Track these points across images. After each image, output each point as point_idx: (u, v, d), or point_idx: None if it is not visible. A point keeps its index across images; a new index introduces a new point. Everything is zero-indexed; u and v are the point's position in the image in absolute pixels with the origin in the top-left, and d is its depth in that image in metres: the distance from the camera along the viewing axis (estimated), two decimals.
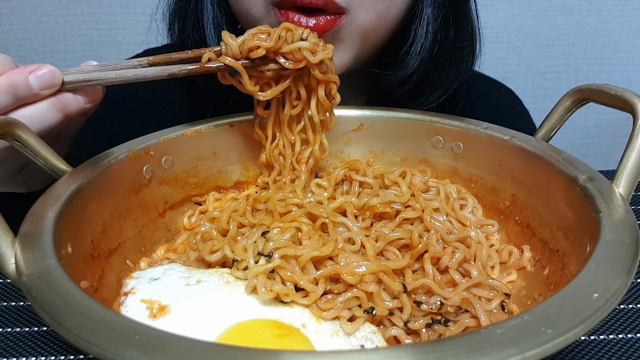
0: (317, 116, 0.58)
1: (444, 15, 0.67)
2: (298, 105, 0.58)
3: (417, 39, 0.67)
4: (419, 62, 0.67)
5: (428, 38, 0.67)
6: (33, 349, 0.48)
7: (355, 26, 0.63)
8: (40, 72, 0.48)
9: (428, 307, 0.42)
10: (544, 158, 0.50)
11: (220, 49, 0.54)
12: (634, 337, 0.49)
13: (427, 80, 0.70)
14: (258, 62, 0.54)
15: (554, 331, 0.28)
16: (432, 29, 0.67)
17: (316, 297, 0.41)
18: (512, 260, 0.50)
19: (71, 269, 0.36)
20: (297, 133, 0.60)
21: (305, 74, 0.56)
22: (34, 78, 0.47)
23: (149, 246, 0.53)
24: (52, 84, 0.49)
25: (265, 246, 0.45)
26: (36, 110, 0.49)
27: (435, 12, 0.66)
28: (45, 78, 0.48)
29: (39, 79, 0.48)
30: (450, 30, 0.68)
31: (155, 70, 0.53)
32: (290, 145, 0.60)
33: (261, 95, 0.56)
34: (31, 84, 0.47)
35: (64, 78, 0.50)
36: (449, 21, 0.68)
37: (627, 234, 0.37)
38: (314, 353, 0.34)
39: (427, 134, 0.61)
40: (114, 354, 0.27)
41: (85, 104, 0.52)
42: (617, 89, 0.47)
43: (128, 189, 0.52)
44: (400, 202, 0.52)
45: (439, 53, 0.69)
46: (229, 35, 0.53)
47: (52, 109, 0.49)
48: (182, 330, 0.34)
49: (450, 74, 0.71)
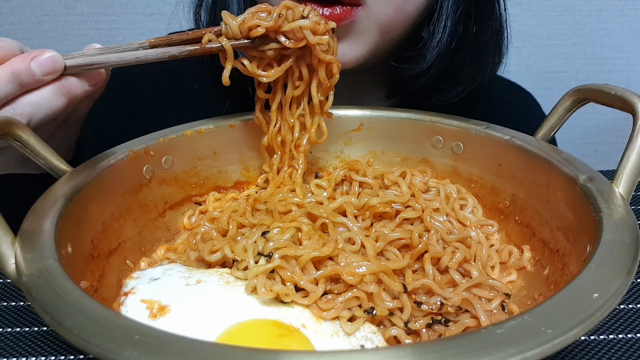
0: (317, 97, 0.57)
1: (466, 9, 0.66)
2: (300, 86, 0.57)
3: (435, 33, 0.66)
4: (436, 56, 0.67)
5: (446, 32, 0.66)
6: (33, 349, 0.48)
7: (373, 19, 0.62)
8: (42, 57, 0.48)
9: (428, 308, 0.42)
10: (544, 158, 0.50)
11: (221, 29, 0.53)
12: (634, 337, 0.49)
13: (446, 75, 0.69)
14: (259, 42, 0.53)
15: (554, 331, 0.28)
16: (451, 23, 0.66)
17: (316, 297, 0.41)
18: (512, 260, 0.50)
19: (71, 269, 0.36)
20: (297, 117, 0.59)
21: (307, 52, 0.55)
22: (35, 65, 0.48)
23: (149, 246, 0.53)
24: (54, 70, 0.49)
25: (265, 246, 0.45)
26: (41, 96, 0.49)
27: (455, 6, 0.65)
28: (47, 64, 0.48)
29: (41, 65, 0.48)
30: (472, 25, 0.67)
31: (155, 53, 0.52)
32: (290, 129, 0.59)
33: (264, 75, 0.55)
34: (33, 70, 0.48)
35: (66, 63, 0.50)
36: (470, 15, 0.67)
37: (627, 234, 0.37)
38: (314, 353, 0.34)
39: (427, 134, 0.61)
40: (114, 354, 0.27)
41: (89, 86, 0.52)
42: (617, 89, 0.47)
43: (128, 189, 0.52)
44: (400, 202, 0.52)
45: (458, 47, 0.67)
46: (228, 15, 0.53)
47: (57, 93, 0.50)
48: (182, 330, 0.34)
49: (471, 69, 0.70)
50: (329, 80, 0.56)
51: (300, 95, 0.57)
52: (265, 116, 0.59)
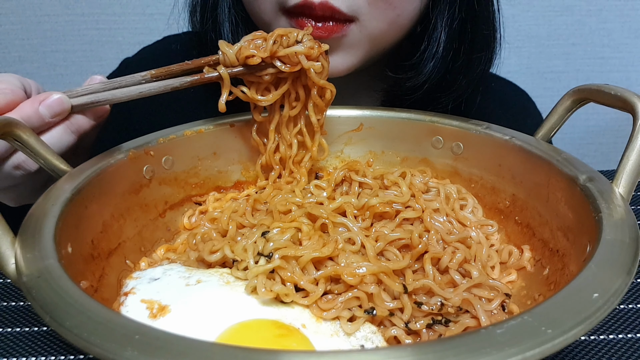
0: (314, 117, 0.59)
1: (461, 20, 0.65)
2: (296, 107, 0.59)
3: (430, 45, 0.66)
4: (432, 68, 0.66)
5: (441, 44, 0.65)
6: (33, 349, 0.48)
7: (365, 33, 0.62)
8: (49, 101, 0.50)
9: (429, 308, 0.42)
10: (544, 158, 0.50)
11: (219, 57, 0.55)
12: (634, 337, 0.49)
13: (442, 85, 0.69)
14: (255, 68, 0.55)
15: (554, 331, 0.28)
16: (446, 35, 0.65)
17: (316, 297, 0.41)
18: (512, 260, 0.50)
19: (71, 269, 0.36)
20: (294, 135, 0.60)
21: (303, 74, 0.56)
22: (44, 108, 0.50)
23: (149, 246, 0.53)
24: (62, 111, 0.51)
25: (265, 246, 0.44)
26: (52, 137, 0.51)
27: (451, 18, 0.64)
28: (55, 106, 0.51)
29: (49, 108, 0.50)
30: (468, 36, 0.67)
31: (158, 85, 0.55)
32: (288, 147, 0.60)
33: (263, 100, 0.57)
34: (42, 114, 0.50)
35: (72, 102, 0.52)
36: (466, 26, 0.66)
37: (627, 234, 0.37)
38: (314, 353, 0.34)
39: (427, 134, 0.61)
40: (114, 354, 0.27)
41: (95, 121, 0.55)
42: (617, 89, 0.47)
43: (128, 189, 0.52)
44: (400, 202, 0.52)
45: (454, 58, 0.67)
46: (225, 44, 0.55)
47: (67, 132, 0.52)
48: (182, 330, 0.34)
49: (466, 79, 0.69)
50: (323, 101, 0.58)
51: (297, 115, 0.59)
52: (263, 137, 0.61)
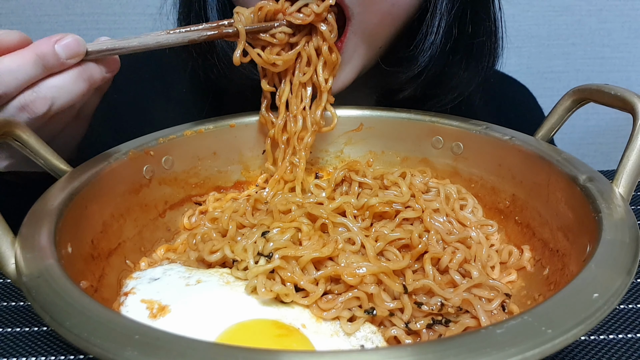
0: (322, 75, 0.59)
1: (460, 9, 0.62)
2: (307, 73, 0.59)
3: (428, 34, 0.63)
4: (429, 59, 0.63)
5: (439, 33, 0.62)
6: (33, 349, 0.48)
7: (360, 33, 0.60)
8: (65, 40, 0.48)
9: (429, 308, 0.42)
10: (544, 158, 0.50)
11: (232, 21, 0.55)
12: (634, 337, 0.49)
13: (441, 80, 0.66)
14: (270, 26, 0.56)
15: (554, 331, 0.28)
16: (445, 24, 0.62)
17: (316, 297, 0.41)
18: (512, 260, 0.50)
19: (71, 269, 0.36)
20: (301, 111, 0.60)
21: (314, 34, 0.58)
22: (60, 47, 0.48)
23: (149, 246, 0.53)
24: (78, 53, 0.49)
25: (265, 246, 0.44)
26: (64, 80, 0.49)
27: (449, 6, 0.61)
28: (72, 46, 0.48)
29: (65, 48, 0.48)
30: (468, 26, 0.64)
31: (176, 37, 0.53)
32: (294, 119, 0.60)
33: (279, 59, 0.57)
34: (58, 52, 0.47)
35: (87, 47, 0.50)
36: (466, 16, 0.63)
37: (627, 234, 0.37)
38: (314, 353, 0.34)
39: (427, 134, 0.61)
40: (114, 354, 0.27)
41: (107, 72, 0.52)
42: (617, 89, 0.47)
43: (128, 189, 0.52)
44: (400, 202, 0.52)
45: (453, 50, 0.64)
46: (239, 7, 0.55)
47: (79, 78, 0.50)
48: (182, 330, 0.34)
49: (466, 73, 0.66)
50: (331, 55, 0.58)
51: (306, 84, 0.60)
52: (270, 112, 0.61)
